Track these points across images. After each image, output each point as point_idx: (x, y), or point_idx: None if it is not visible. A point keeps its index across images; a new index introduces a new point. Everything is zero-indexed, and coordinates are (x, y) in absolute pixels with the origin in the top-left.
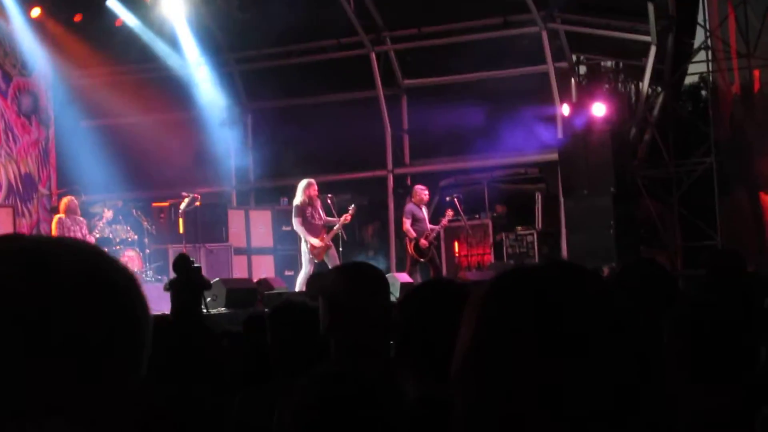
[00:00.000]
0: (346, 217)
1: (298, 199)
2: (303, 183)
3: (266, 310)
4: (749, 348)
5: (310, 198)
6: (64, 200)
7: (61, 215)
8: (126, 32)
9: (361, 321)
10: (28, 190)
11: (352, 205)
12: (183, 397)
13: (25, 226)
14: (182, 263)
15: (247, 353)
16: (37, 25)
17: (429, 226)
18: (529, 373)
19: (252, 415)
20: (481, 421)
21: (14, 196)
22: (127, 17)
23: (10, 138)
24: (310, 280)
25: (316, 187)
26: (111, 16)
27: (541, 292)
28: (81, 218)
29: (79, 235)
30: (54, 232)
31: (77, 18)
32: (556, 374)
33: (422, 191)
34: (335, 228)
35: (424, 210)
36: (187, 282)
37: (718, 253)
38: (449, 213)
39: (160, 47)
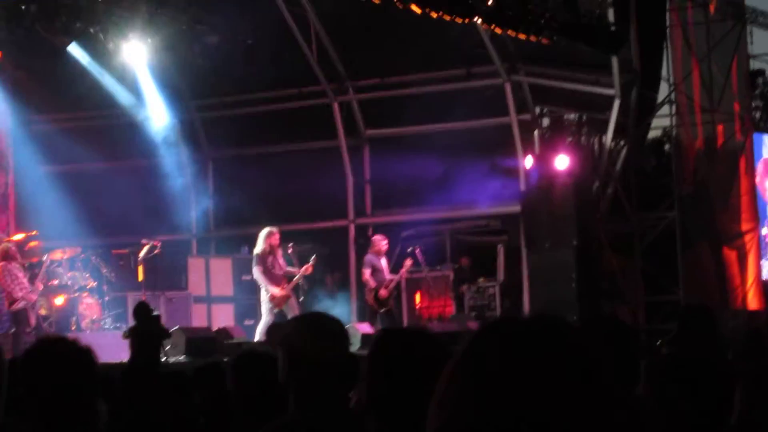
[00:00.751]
0: (308, 268)
1: (259, 247)
2: (264, 231)
3: (225, 359)
4: (725, 398)
5: (271, 247)
6: (2, 247)
7: (2, 262)
8: (87, 78)
9: (320, 372)
10: None
11: (314, 256)
12: None
13: None
14: (142, 311)
15: (204, 402)
16: None
17: (388, 276)
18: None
19: None
20: None
21: None
22: (88, 63)
23: None
24: (270, 330)
25: (278, 236)
26: (72, 61)
27: (524, 348)
28: (20, 264)
29: (24, 280)
30: (1, 278)
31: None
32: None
33: (380, 242)
34: (296, 278)
35: (383, 261)
36: (146, 330)
37: (690, 308)
38: (407, 263)
39: (121, 94)
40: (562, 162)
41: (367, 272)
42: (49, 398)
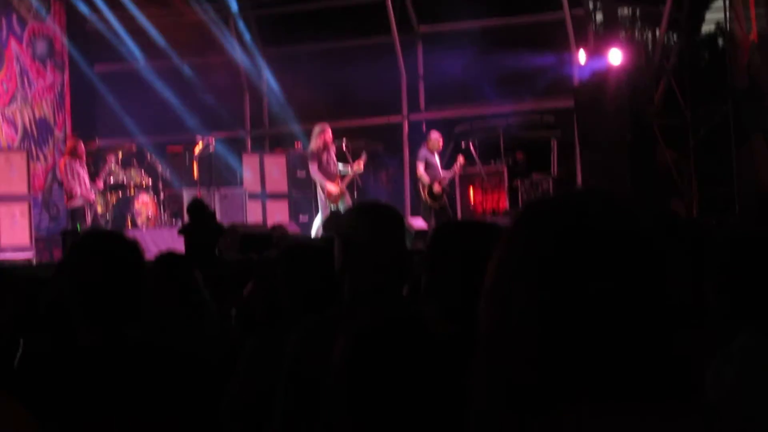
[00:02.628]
0: (360, 165)
1: (313, 144)
2: (317, 128)
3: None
4: None
5: (325, 143)
6: (70, 143)
7: (68, 158)
8: None
9: (377, 260)
10: (43, 135)
11: (363, 153)
12: (193, 336)
13: (40, 170)
14: (196, 208)
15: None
16: None
17: (442, 172)
18: (553, 296)
19: (263, 354)
20: (504, 342)
21: (29, 141)
22: None
23: (26, 82)
24: (327, 220)
25: (330, 133)
26: None
27: (571, 217)
28: (84, 162)
29: (86, 178)
30: (63, 174)
31: None
32: (581, 298)
33: (437, 138)
34: (350, 174)
35: (437, 157)
36: (201, 226)
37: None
38: (461, 159)
39: None
40: (615, 56)
41: (421, 167)
42: (94, 294)
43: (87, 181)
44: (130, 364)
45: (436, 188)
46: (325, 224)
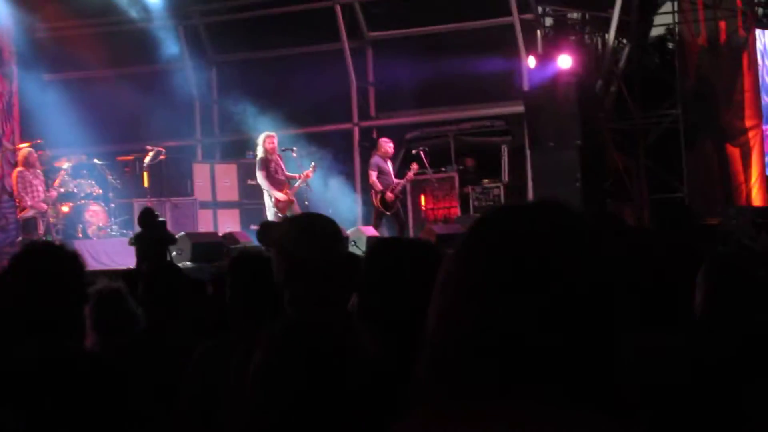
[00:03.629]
0: (308, 173)
1: (260, 152)
2: (262, 135)
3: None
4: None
5: (272, 150)
6: (23, 153)
7: (21, 168)
8: None
9: (312, 273)
10: None
11: (312, 163)
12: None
13: None
14: (147, 217)
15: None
16: None
17: (395, 179)
18: (497, 308)
19: (210, 364)
20: (447, 354)
21: None
22: None
23: None
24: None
25: (275, 140)
26: None
27: (518, 228)
28: (39, 171)
29: (39, 188)
30: (14, 185)
31: None
32: (522, 309)
33: (387, 144)
34: (298, 183)
35: (389, 163)
36: (152, 236)
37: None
38: (414, 166)
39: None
40: (565, 61)
41: (373, 174)
42: (36, 305)
43: (41, 190)
44: (69, 377)
45: (389, 196)
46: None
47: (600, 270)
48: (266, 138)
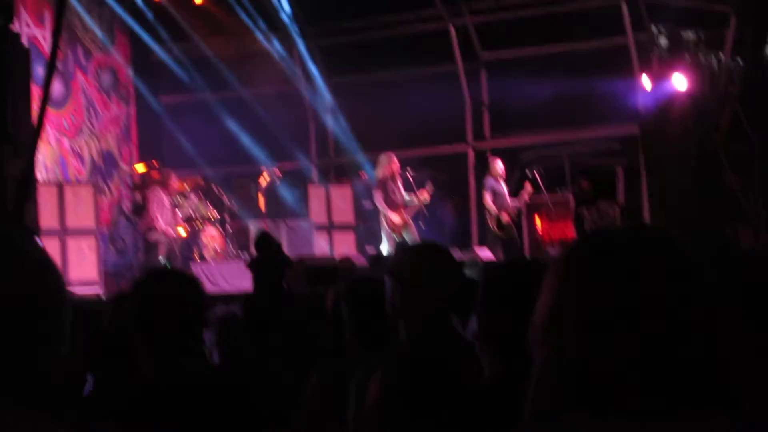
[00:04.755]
0: (424, 194)
1: (379, 173)
2: (384, 158)
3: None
4: None
5: (391, 173)
6: (163, 176)
7: (159, 189)
8: (207, 7)
9: (430, 299)
10: (108, 167)
11: (429, 182)
12: (261, 371)
13: (105, 204)
14: (264, 241)
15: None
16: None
17: (509, 201)
18: (604, 335)
19: (328, 388)
20: (556, 379)
21: (96, 174)
22: None
23: (92, 115)
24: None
25: (397, 162)
26: None
27: (619, 256)
28: (173, 196)
29: (170, 212)
30: (150, 204)
31: None
32: (630, 338)
33: (499, 165)
34: (414, 204)
35: (503, 184)
36: (268, 259)
37: None
38: (528, 188)
39: (240, 22)
40: (680, 81)
41: (488, 196)
42: (158, 330)
43: (170, 215)
44: (190, 396)
45: (504, 218)
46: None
47: (702, 298)
48: (387, 159)
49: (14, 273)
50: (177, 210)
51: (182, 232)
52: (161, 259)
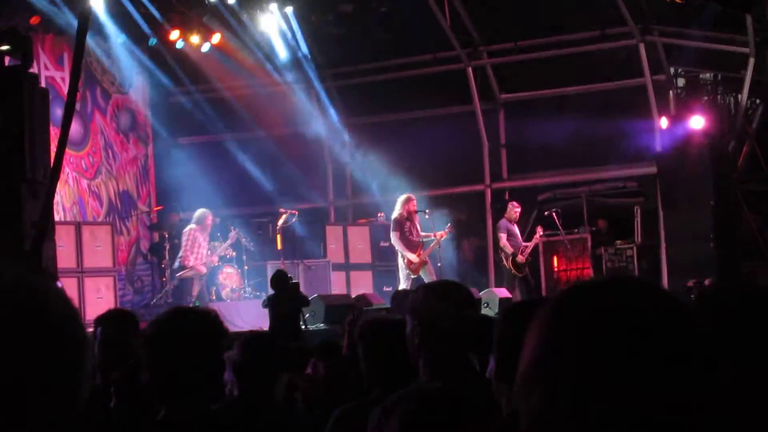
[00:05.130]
0: (443, 234)
1: (396, 213)
2: (402, 197)
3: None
4: None
5: (408, 212)
6: (199, 213)
7: (194, 226)
8: (221, 49)
9: (448, 339)
10: (126, 208)
11: (449, 224)
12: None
13: (123, 244)
14: (280, 280)
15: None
16: (133, 42)
17: (523, 242)
18: (586, 388)
19: (348, 427)
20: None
21: (114, 214)
22: (221, 34)
23: (110, 155)
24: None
25: (414, 202)
26: (206, 33)
27: (601, 309)
28: (207, 235)
29: (204, 251)
30: (185, 242)
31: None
32: (612, 392)
33: (514, 208)
34: (432, 244)
35: (516, 226)
36: (284, 298)
37: None
38: (539, 230)
39: (254, 64)
40: (697, 122)
41: (503, 237)
42: (174, 371)
43: (204, 254)
44: None
45: (520, 258)
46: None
47: (691, 350)
48: (406, 199)
49: (37, 327)
50: (210, 248)
51: (204, 269)
52: (192, 297)
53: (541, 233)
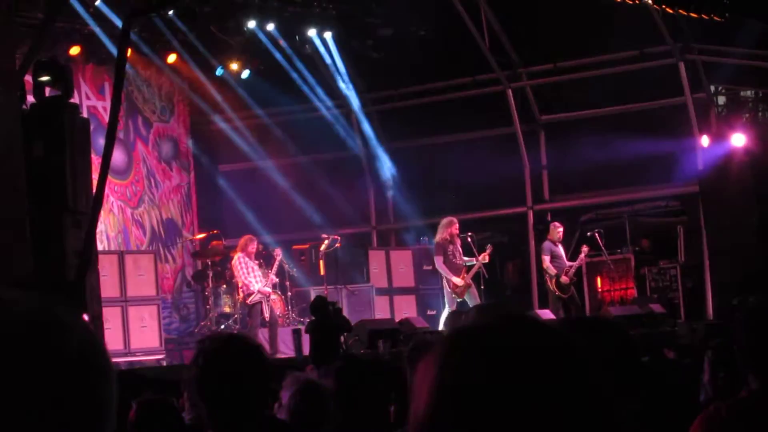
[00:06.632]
0: (485, 256)
1: (439, 237)
2: (444, 221)
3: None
4: None
5: (451, 236)
6: (243, 240)
7: (240, 254)
8: (259, 77)
9: None
10: (170, 236)
11: (489, 245)
12: None
13: (168, 271)
14: (319, 305)
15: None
16: (174, 70)
17: (567, 262)
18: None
19: None
20: None
21: (157, 242)
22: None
23: (153, 184)
24: (449, 318)
25: (457, 225)
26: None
27: (489, 352)
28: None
29: (259, 273)
30: (236, 271)
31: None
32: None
33: (557, 229)
34: (475, 266)
35: (560, 247)
36: (325, 324)
37: None
38: (585, 249)
39: (294, 90)
40: (738, 139)
41: (546, 259)
42: (223, 400)
43: (261, 276)
44: None
45: (564, 279)
46: (447, 324)
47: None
48: (448, 223)
49: (50, 361)
50: (272, 271)
51: (241, 297)
52: (265, 320)
53: (587, 252)
